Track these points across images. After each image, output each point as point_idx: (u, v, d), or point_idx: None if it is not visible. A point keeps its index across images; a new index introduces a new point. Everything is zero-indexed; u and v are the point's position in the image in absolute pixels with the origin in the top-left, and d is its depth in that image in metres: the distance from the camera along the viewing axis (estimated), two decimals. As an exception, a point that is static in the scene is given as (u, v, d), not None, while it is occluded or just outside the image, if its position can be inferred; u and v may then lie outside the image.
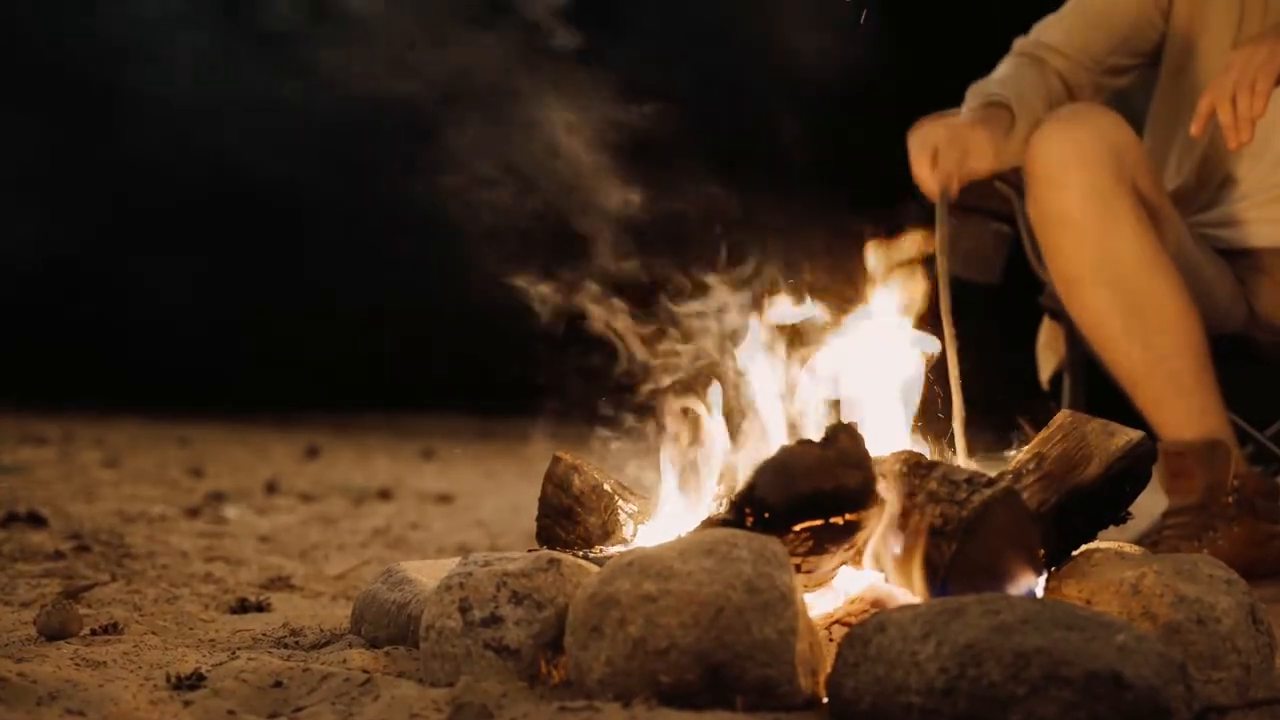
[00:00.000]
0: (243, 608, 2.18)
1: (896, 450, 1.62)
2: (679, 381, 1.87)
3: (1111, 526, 1.67)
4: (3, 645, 1.77)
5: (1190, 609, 1.48)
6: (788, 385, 1.81)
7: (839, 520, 1.50)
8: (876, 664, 1.30)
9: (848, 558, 1.56)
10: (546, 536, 1.86)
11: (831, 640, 1.51)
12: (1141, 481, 1.64)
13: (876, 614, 1.36)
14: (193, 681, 1.52)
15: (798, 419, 1.78)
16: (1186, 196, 2.57)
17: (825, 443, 1.51)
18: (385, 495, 4.81)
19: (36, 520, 3.24)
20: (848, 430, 1.53)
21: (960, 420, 1.87)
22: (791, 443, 1.52)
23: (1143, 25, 2.57)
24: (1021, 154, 2.44)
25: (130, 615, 2.02)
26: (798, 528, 1.49)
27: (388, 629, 1.73)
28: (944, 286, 2.02)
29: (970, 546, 1.48)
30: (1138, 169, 2.36)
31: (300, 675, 1.49)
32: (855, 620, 1.55)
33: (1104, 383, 2.46)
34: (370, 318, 9.23)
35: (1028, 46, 2.61)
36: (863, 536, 1.54)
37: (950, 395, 1.87)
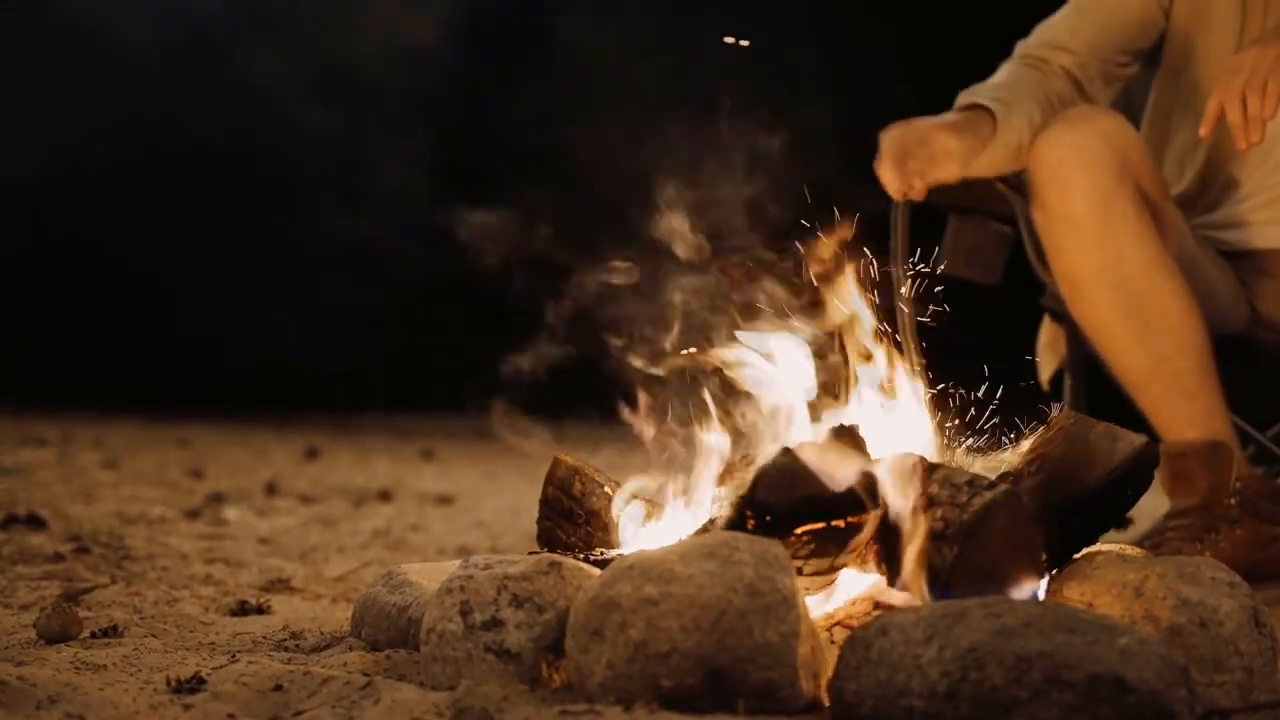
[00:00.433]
0: (243, 610, 2.17)
1: (897, 452, 1.61)
2: (679, 382, 1.86)
3: (1112, 529, 1.67)
4: (2, 648, 1.76)
5: (1193, 612, 1.47)
6: (788, 385, 1.81)
7: (840, 523, 1.50)
8: (878, 667, 1.30)
9: (849, 560, 1.55)
10: (547, 538, 1.86)
11: (833, 643, 1.51)
12: (1143, 486, 1.64)
13: (878, 617, 1.36)
14: (193, 685, 1.51)
15: (799, 420, 1.77)
16: (1189, 199, 2.57)
17: (827, 445, 1.51)
18: (385, 496, 4.80)
19: (36, 522, 3.24)
20: (849, 432, 1.52)
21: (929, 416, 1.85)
22: (793, 445, 1.52)
23: (1145, 23, 2.56)
24: (1002, 161, 2.43)
25: (130, 618, 2.01)
26: (799, 530, 1.49)
27: (388, 632, 1.73)
28: (900, 292, 2.00)
29: (972, 549, 1.47)
30: (1141, 170, 2.35)
31: (300, 678, 1.48)
32: (856, 623, 1.55)
33: (1105, 383, 2.46)
34: (370, 318, 9.24)
35: (1029, 49, 2.58)
36: (864, 539, 1.53)
37: (916, 397, 1.85)
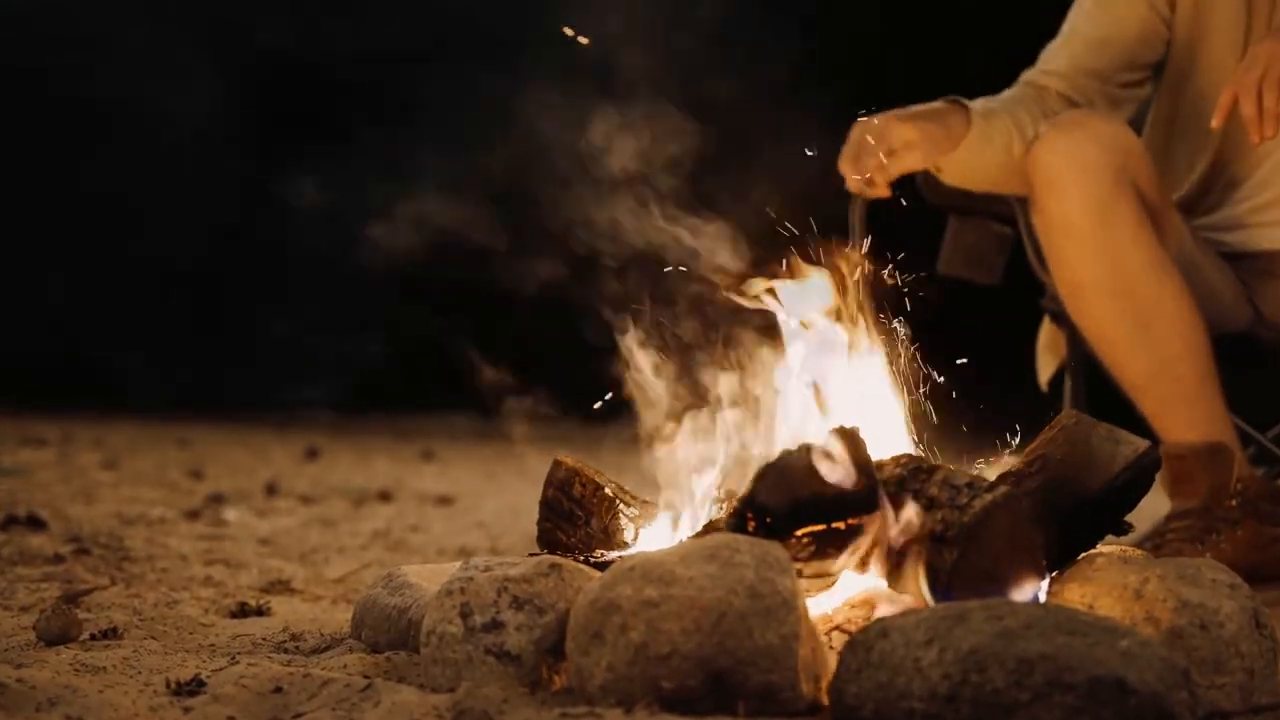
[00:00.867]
0: (243, 612, 2.17)
1: (898, 454, 1.61)
2: (679, 383, 1.86)
3: (1112, 535, 1.67)
4: (2, 650, 1.76)
5: (1193, 614, 1.47)
6: (789, 387, 1.81)
7: (840, 525, 1.50)
8: (879, 670, 1.30)
9: (849, 563, 1.55)
10: (548, 540, 1.86)
11: (832, 648, 1.51)
12: (1144, 489, 1.63)
13: (879, 620, 1.36)
14: (192, 687, 1.51)
15: (800, 423, 1.77)
16: (1191, 201, 2.57)
17: (827, 447, 1.51)
18: (385, 497, 4.80)
19: (36, 523, 3.23)
20: (850, 434, 1.52)
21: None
22: (793, 447, 1.51)
23: (1148, 38, 2.54)
24: (991, 163, 2.42)
25: (130, 619, 2.01)
26: (799, 533, 1.49)
27: (388, 634, 1.73)
28: (858, 294, 1.99)
29: (972, 551, 1.47)
30: (1140, 174, 2.35)
31: (300, 681, 1.48)
32: (856, 626, 1.55)
33: (1104, 384, 2.46)
34: (371, 317, 9.23)
35: (1029, 77, 2.58)
36: (864, 541, 1.53)
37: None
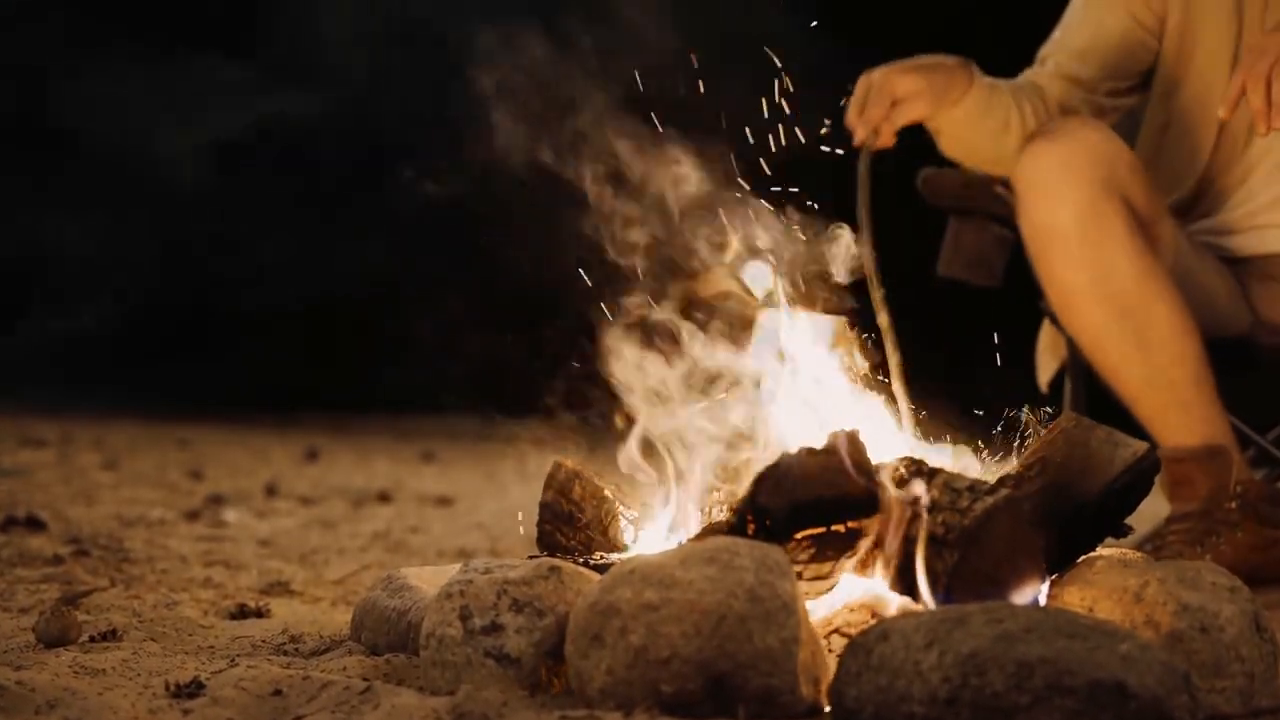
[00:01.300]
0: (242, 613, 2.17)
1: (898, 457, 1.61)
2: (679, 385, 1.86)
3: (1112, 538, 1.67)
4: (1, 652, 1.76)
5: (1193, 617, 1.47)
6: (790, 389, 1.81)
7: (840, 528, 1.50)
8: (879, 673, 1.30)
9: (849, 565, 1.55)
10: (547, 542, 1.86)
11: (831, 651, 1.51)
12: (1144, 492, 1.63)
13: (879, 622, 1.36)
14: (192, 690, 1.51)
15: (800, 425, 1.77)
16: (1186, 206, 2.57)
17: (827, 450, 1.51)
18: (385, 498, 4.80)
19: (35, 524, 3.23)
20: (849, 437, 1.52)
21: (900, 385, 1.84)
22: (793, 449, 1.51)
23: (1133, 48, 2.55)
24: (988, 130, 2.42)
25: (129, 621, 2.01)
26: (799, 535, 1.49)
27: (388, 636, 1.73)
28: (866, 245, 1.98)
29: (973, 554, 1.47)
30: (1129, 181, 2.35)
31: (300, 683, 1.48)
32: (855, 629, 1.55)
33: (1104, 386, 2.46)
34: (371, 318, 9.23)
35: (1029, 75, 2.59)
36: (864, 544, 1.53)
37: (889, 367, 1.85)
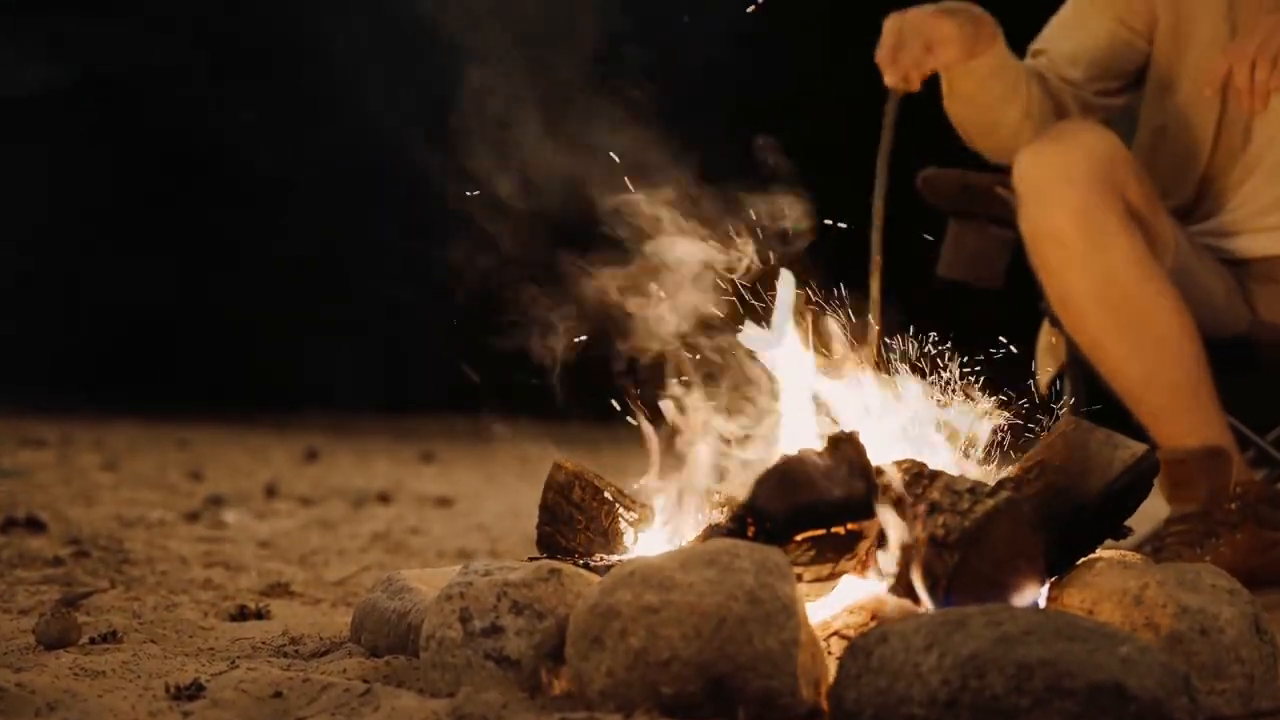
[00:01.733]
0: (242, 615, 2.17)
1: (898, 459, 1.61)
2: (679, 387, 1.86)
3: (1112, 539, 1.67)
4: (1, 654, 1.76)
5: (1193, 619, 1.47)
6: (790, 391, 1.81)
7: (840, 530, 1.50)
8: (879, 675, 1.30)
9: (849, 568, 1.55)
10: (547, 544, 1.86)
11: (831, 653, 1.51)
12: (1143, 494, 1.63)
13: (878, 625, 1.36)
14: (192, 692, 1.51)
15: (801, 426, 1.77)
16: (1186, 208, 2.57)
17: (827, 452, 1.51)
18: (385, 499, 4.80)
19: (35, 525, 3.23)
20: (849, 439, 1.52)
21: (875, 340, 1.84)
22: (793, 452, 1.51)
23: (1120, 50, 2.55)
24: (985, 86, 2.41)
25: (129, 623, 2.01)
26: (799, 538, 1.49)
27: (387, 638, 1.73)
28: (880, 187, 1.97)
29: (973, 557, 1.47)
30: (1129, 184, 2.35)
31: (300, 685, 1.48)
32: (855, 631, 1.55)
33: (1104, 388, 2.46)
34: (370, 318, 9.23)
35: (1028, 63, 2.59)
36: (864, 546, 1.53)
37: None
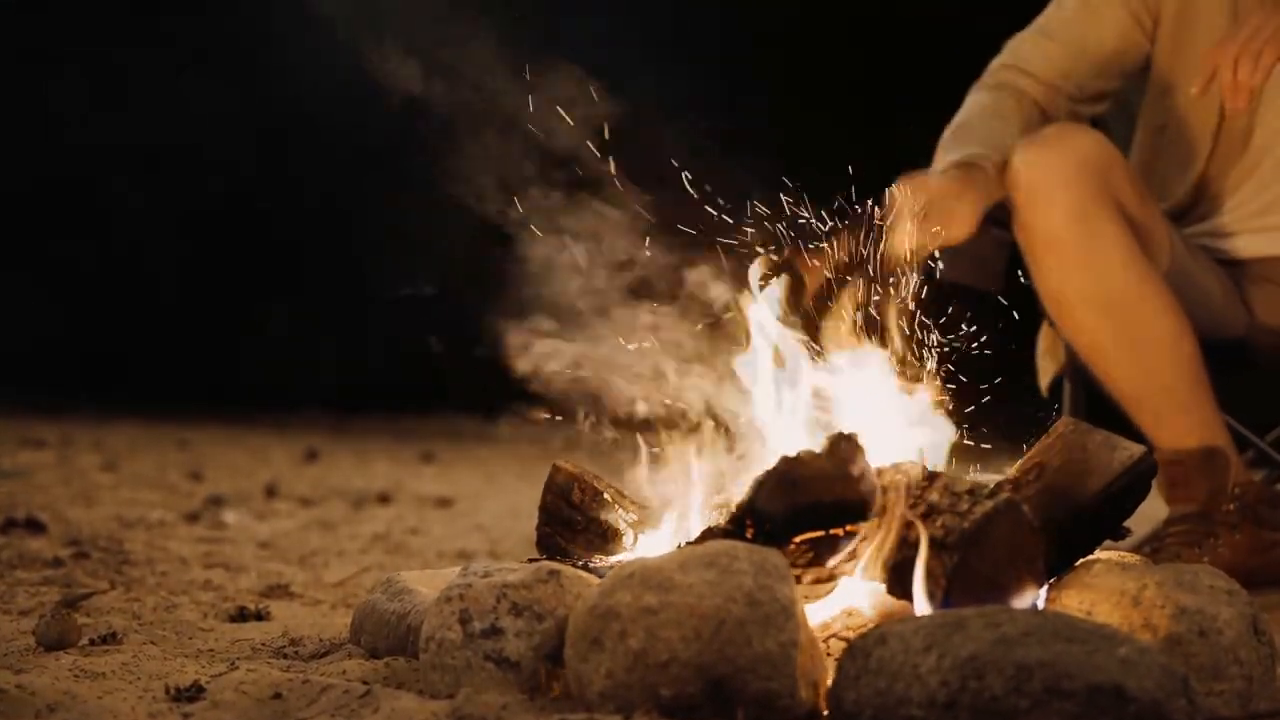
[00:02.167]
0: (242, 616, 2.17)
1: (897, 461, 1.61)
2: (678, 388, 1.86)
3: (1110, 540, 1.67)
4: (2, 655, 1.76)
5: (1191, 620, 1.47)
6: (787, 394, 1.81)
7: (839, 532, 1.50)
8: (877, 676, 1.30)
9: (848, 569, 1.55)
10: (547, 545, 1.86)
11: (830, 654, 1.51)
12: (1141, 495, 1.64)
13: (877, 626, 1.36)
14: (192, 693, 1.51)
15: (798, 428, 1.77)
16: (1183, 209, 2.57)
17: (826, 454, 1.51)
18: (385, 499, 4.80)
19: (35, 526, 3.24)
20: (848, 441, 1.52)
21: None
22: (792, 453, 1.51)
23: (1126, 47, 2.55)
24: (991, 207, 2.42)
25: (129, 624, 2.01)
26: (798, 539, 1.49)
27: (387, 639, 1.73)
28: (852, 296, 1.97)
29: (972, 558, 1.47)
30: (1122, 185, 2.35)
31: (300, 687, 1.48)
32: (853, 633, 1.55)
33: (1103, 389, 2.46)
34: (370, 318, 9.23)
35: (1004, 75, 2.56)
36: (863, 548, 1.53)
37: None
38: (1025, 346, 2.76)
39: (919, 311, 1.90)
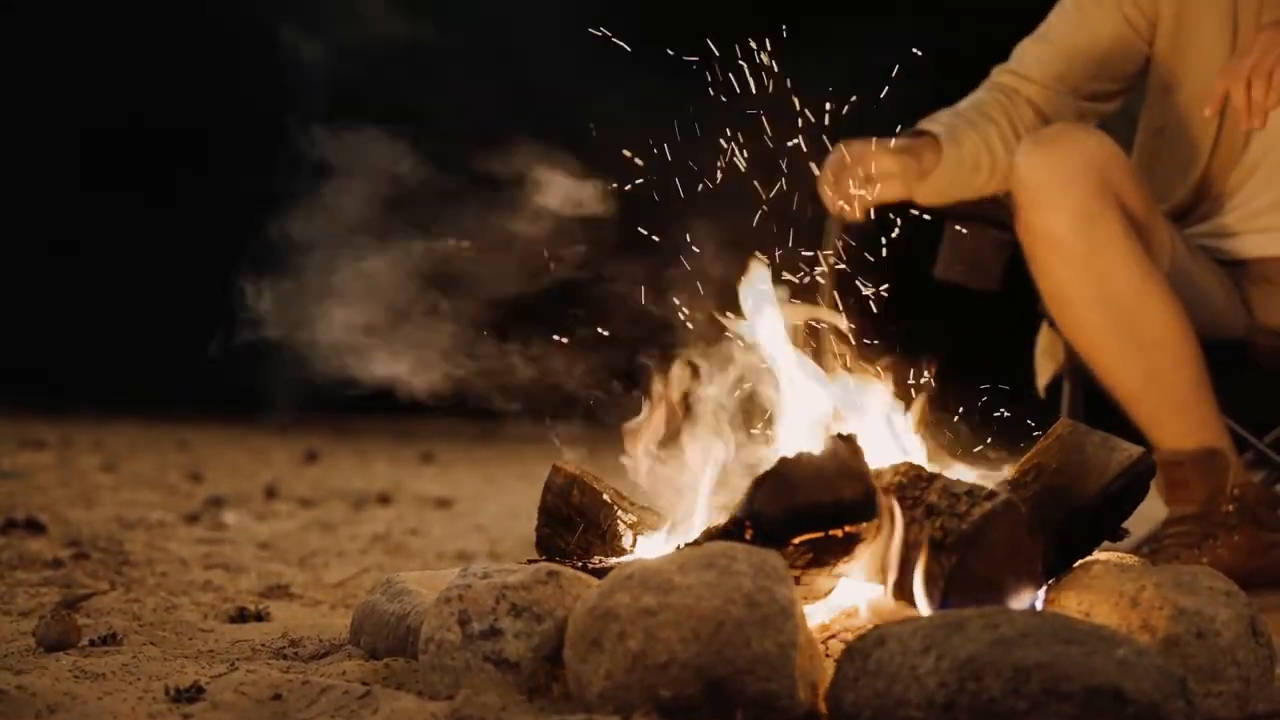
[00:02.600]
0: (242, 617, 2.17)
1: (895, 462, 1.62)
2: (678, 389, 1.87)
3: (1109, 540, 1.67)
4: (2, 656, 1.76)
5: (1190, 622, 1.47)
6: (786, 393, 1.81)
7: (838, 533, 1.50)
8: (876, 678, 1.30)
9: (847, 570, 1.56)
10: (546, 546, 1.86)
11: (829, 655, 1.51)
12: (1140, 496, 1.64)
13: (876, 627, 1.36)
14: (191, 694, 1.51)
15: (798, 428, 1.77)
16: (1184, 210, 2.57)
17: (825, 454, 1.51)
18: (384, 500, 4.80)
19: (35, 527, 3.24)
20: (847, 442, 1.52)
21: None
22: (791, 454, 1.52)
23: (1124, 50, 2.55)
24: (964, 182, 2.48)
25: (129, 625, 2.01)
26: (797, 540, 1.49)
27: (387, 640, 1.73)
28: (828, 309, 2.00)
29: (970, 559, 1.48)
30: (1124, 185, 2.35)
31: (299, 687, 1.48)
32: (853, 634, 1.55)
33: (1103, 390, 2.46)
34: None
35: (1002, 78, 2.59)
36: (862, 549, 1.54)
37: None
38: (1024, 346, 2.77)
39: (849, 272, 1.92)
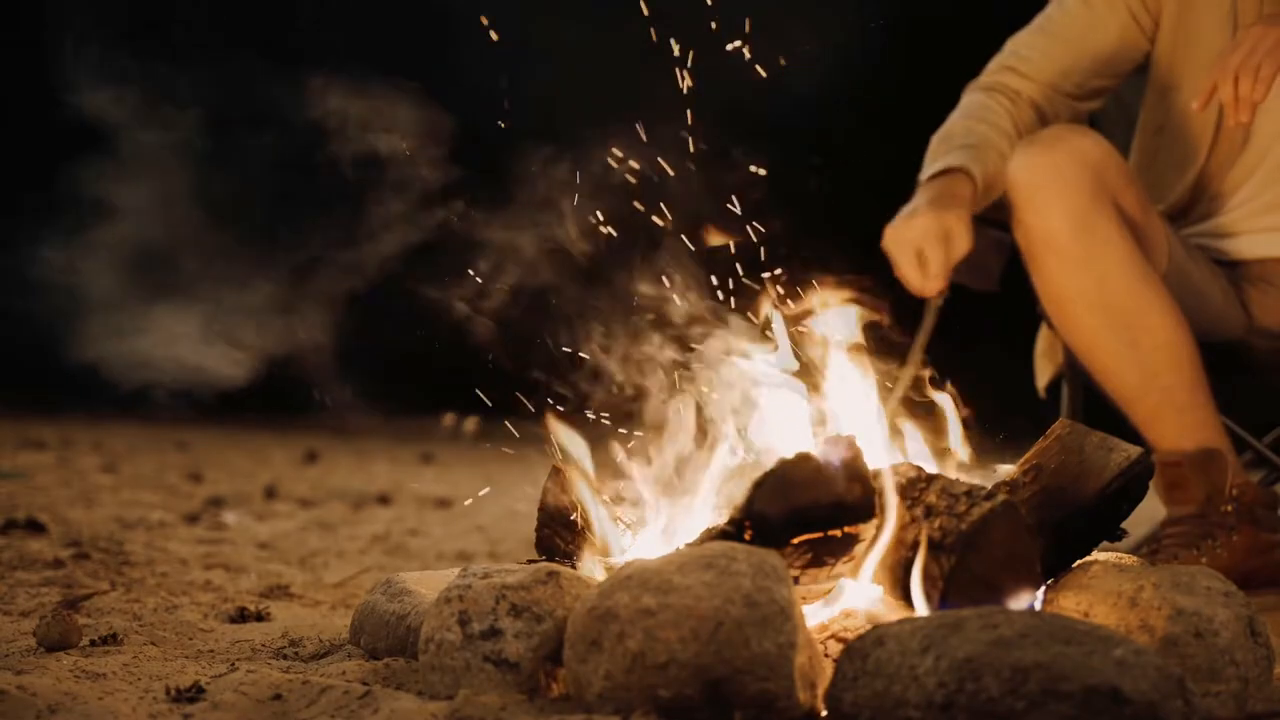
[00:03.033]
0: (242, 617, 2.18)
1: (895, 463, 1.62)
2: (678, 390, 1.87)
3: (1108, 541, 1.67)
4: (2, 656, 1.76)
5: (1188, 622, 1.48)
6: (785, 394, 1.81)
7: (837, 533, 1.50)
8: (875, 678, 1.31)
9: (846, 570, 1.56)
10: (546, 546, 1.86)
11: (828, 655, 1.51)
12: (1139, 497, 1.64)
13: (875, 627, 1.36)
14: (192, 694, 1.52)
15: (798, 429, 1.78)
16: (1181, 210, 2.57)
17: (824, 455, 1.51)
18: (384, 500, 4.81)
19: (36, 527, 3.24)
20: (846, 443, 1.53)
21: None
22: (790, 455, 1.52)
23: (1128, 47, 2.55)
24: (986, 201, 2.46)
25: (130, 625, 2.02)
26: (796, 541, 1.50)
27: (387, 640, 1.74)
28: (910, 387, 2.01)
29: (969, 559, 1.48)
30: (1120, 186, 2.35)
31: (300, 687, 1.49)
32: (852, 634, 1.55)
33: (1101, 391, 2.46)
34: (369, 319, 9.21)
35: (1001, 77, 2.57)
36: (861, 549, 1.54)
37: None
38: (1023, 347, 2.77)
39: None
